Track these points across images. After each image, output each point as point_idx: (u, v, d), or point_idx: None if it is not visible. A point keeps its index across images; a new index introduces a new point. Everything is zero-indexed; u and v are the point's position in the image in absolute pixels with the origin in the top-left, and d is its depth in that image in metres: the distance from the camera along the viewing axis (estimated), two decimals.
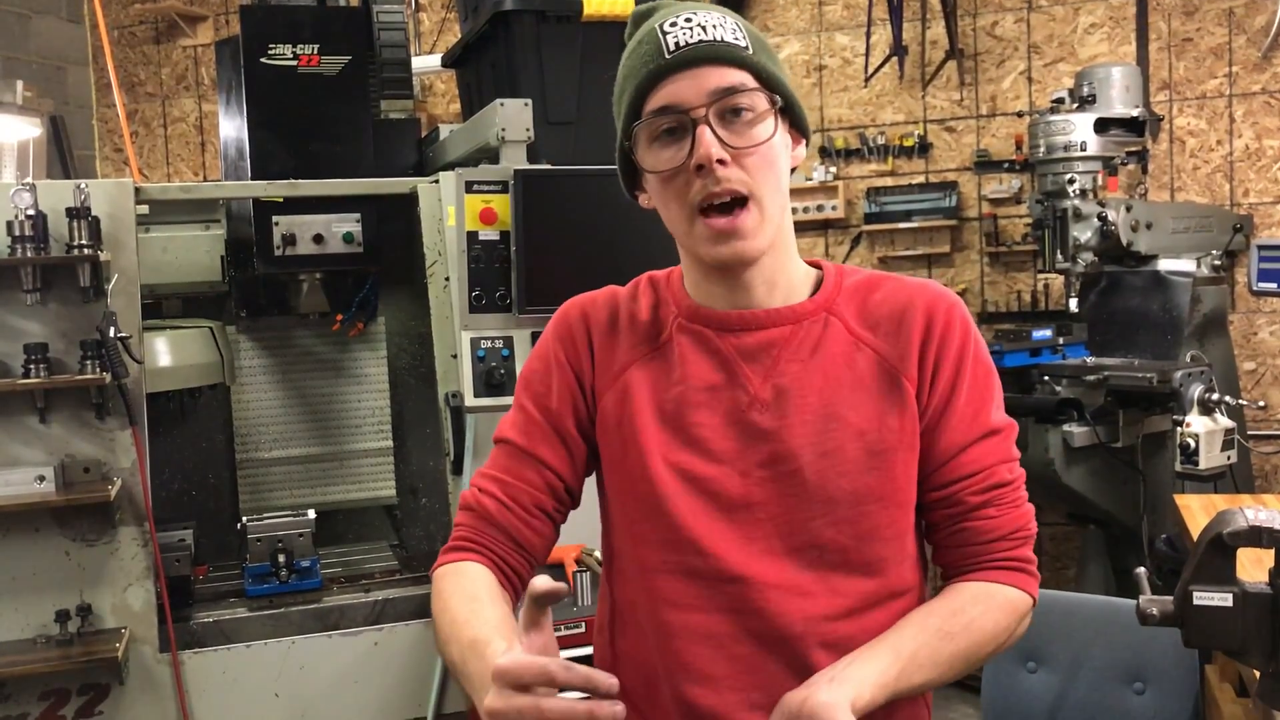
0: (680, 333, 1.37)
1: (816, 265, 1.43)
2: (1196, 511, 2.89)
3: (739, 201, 1.28)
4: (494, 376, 2.82)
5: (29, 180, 2.79)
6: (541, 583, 1.07)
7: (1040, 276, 4.90)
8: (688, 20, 1.29)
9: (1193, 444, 3.58)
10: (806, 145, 1.38)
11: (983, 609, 1.32)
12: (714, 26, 1.28)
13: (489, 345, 2.84)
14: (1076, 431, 3.87)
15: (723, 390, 1.33)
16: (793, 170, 1.38)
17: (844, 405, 1.32)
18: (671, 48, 1.27)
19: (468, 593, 1.31)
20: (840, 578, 1.31)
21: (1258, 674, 1.81)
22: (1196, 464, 3.57)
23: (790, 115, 1.34)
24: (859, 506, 1.31)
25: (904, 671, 1.24)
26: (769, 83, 1.30)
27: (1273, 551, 1.73)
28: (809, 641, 1.30)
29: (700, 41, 1.27)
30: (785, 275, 1.37)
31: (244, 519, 3.20)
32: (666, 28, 1.29)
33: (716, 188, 1.26)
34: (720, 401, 1.33)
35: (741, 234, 1.28)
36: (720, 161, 1.26)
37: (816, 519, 1.30)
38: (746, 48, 1.29)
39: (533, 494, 1.40)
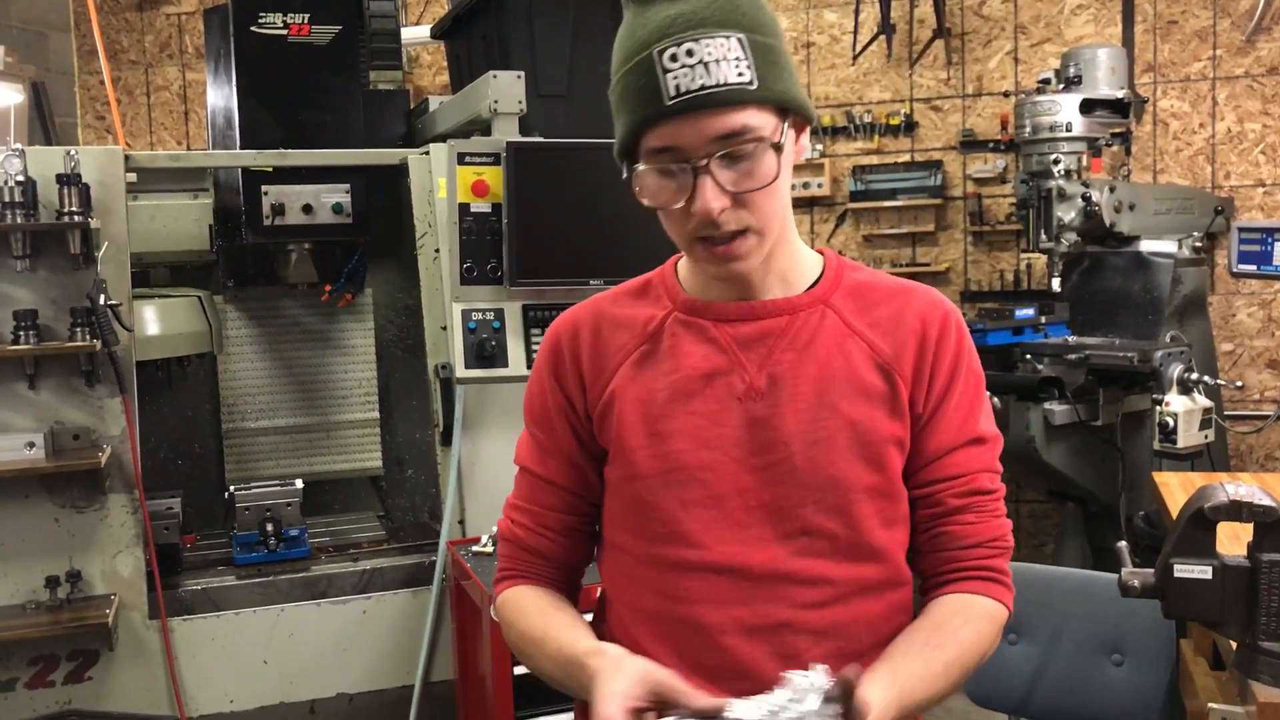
0: (676, 326, 1.38)
1: (821, 253, 1.44)
2: (1175, 489, 2.93)
3: (737, 232, 1.28)
4: (485, 348, 2.83)
5: (18, 146, 2.78)
6: None
7: (1023, 256, 4.94)
8: (689, 54, 1.22)
9: (1171, 423, 3.63)
10: (811, 124, 1.36)
11: (963, 620, 1.35)
12: (717, 62, 1.22)
13: (480, 317, 2.86)
14: (1057, 409, 3.91)
15: (719, 377, 1.34)
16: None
17: (837, 395, 1.33)
18: (672, 92, 1.22)
19: (533, 610, 1.41)
20: (830, 565, 1.33)
21: (1234, 645, 1.86)
22: (1175, 443, 3.62)
23: (795, 110, 1.31)
24: (849, 495, 1.33)
25: (906, 688, 1.25)
26: (777, 103, 1.26)
27: (1251, 526, 1.77)
28: (797, 629, 1.32)
29: (703, 88, 1.22)
30: (785, 263, 1.38)
31: (232, 488, 3.22)
32: (667, 63, 1.22)
33: (716, 231, 1.27)
34: (715, 389, 1.34)
35: (738, 258, 1.29)
36: (721, 210, 1.25)
37: (807, 505, 1.32)
38: (750, 82, 1.23)
39: (558, 517, 1.45)
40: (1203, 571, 1.77)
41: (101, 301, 2.79)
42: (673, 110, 1.23)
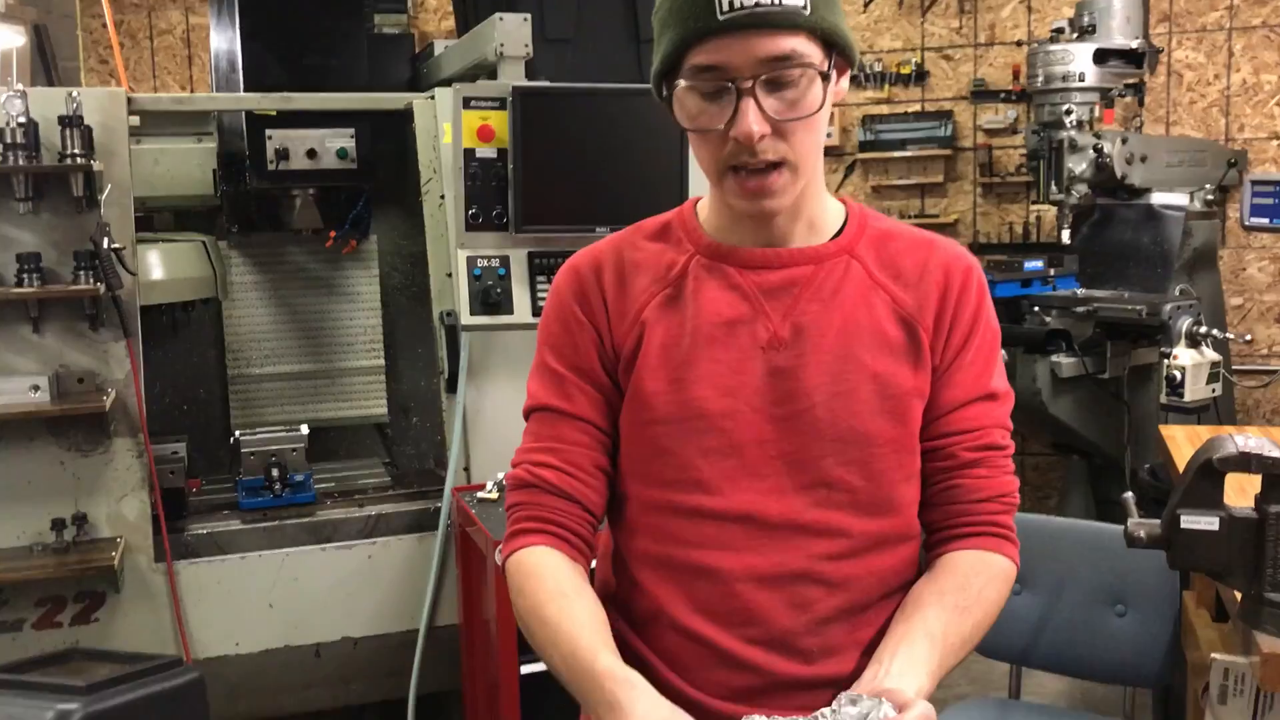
0: (699, 270, 1.36)
1: (843, 202, 1.41)
2: (1181, 442, 2.92)
3: (773, 165, 1.25)
4: (490, 296, 2.82)
5: (20, 87, 2.75)
6: None
7: (1033, 209, 4.91)
8: None
9: (1179, 376, 3.62)
10: (852, 68, 1.32)
11: (985, 580, 1.34)
12: None
13: (485, 264, 2.84)
14: (1064, 362, 3.91)
15: (742, 326, 1.33)
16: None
17: (861, 348, 1.32)
18: (725, 7, 1.19)
19: (550, 587, 1.31)
20: (847, 517, 1.32)
21: (1239, 596, 1.86)
22: (1182, 396, 3.62)
23: (841, 50, 1.28)
24: (870, 448, 1.32)
25: (944, 655, 1.26)
26: (826, 36, 1.24)
27: (1260, 478, 1.77)
28: (811, 580, 1.31)
29: (757, 5, 1.19)
30: (811, 211, 1.35)
31: (237, 433, 3.22)
32: None
33: (752, 159, 1.24)
34: (738, 337, 1.33)
35: (771, 194, 1.27)
36: (761, 136, 1.22)
37: (827, 458, 1.31)
38: (804, 7, 1.21)
39: (588, 454, 1.38)
40: (1209, 523, 1.77)
41: (105, 245, 2.77)
42: (724, 26, 1.20)
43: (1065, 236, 4.22)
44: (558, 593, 1.30)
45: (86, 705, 1.23)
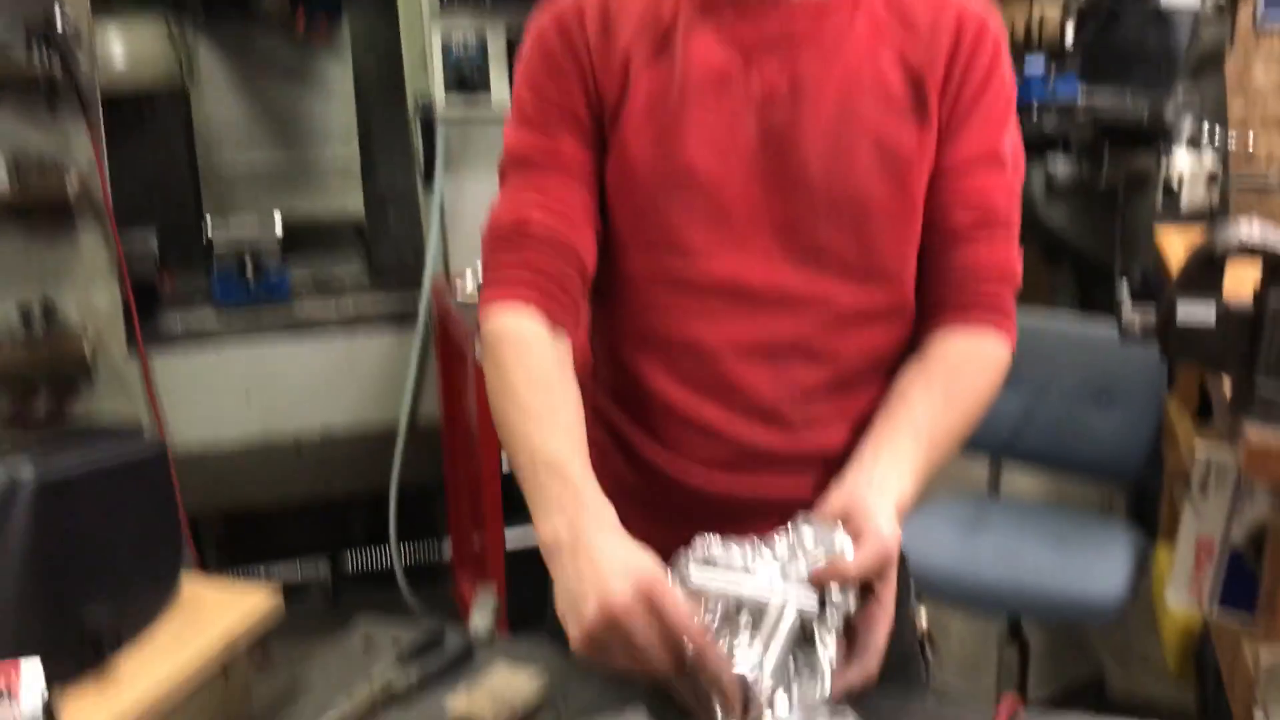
0: (690, 20, 1.25)
1: None
2: (1175, 244, 2.88)
3: None
4: (467, 80, 2.70)
5: None
6: None
7: (1035, 9, 4.71)
8: None
9: (1176, 182, 3.55)
10: None
11: (977, 369, 1.26)
12: None
13: (461, 44, 2.71)
14: (1060, 170, 3.82)
15: (735, 82, 1.22)
16: None
17: (863, 105, 1.22)
18: None
19: (533, 373, 1.18)
20: (840, 285, 1.24)
21: (1228, 390, 1.84)
22: (1179, 203, 3.55)
23: None
24: (867, 213, 1.23)
25: (930, 452, 1.18)
26: None
27: (1260, 267, 1.72)
28: (797, 351, 1.25)
29: None
30: None
31: (208, 218, 3.13)
32: None
33: None
34: (731, 93, 1.22)
35: None
36: None
37: (820, 222, 1.23)
38: None
39: (579, 199, 1.25)
40: (1206, 311, 1.72)
41: (59, 23, 2.63)
42: None
43: (1069, 36, 4.06)
44: (538, 379, 1.18)
45: (39, 465, 1.19)
